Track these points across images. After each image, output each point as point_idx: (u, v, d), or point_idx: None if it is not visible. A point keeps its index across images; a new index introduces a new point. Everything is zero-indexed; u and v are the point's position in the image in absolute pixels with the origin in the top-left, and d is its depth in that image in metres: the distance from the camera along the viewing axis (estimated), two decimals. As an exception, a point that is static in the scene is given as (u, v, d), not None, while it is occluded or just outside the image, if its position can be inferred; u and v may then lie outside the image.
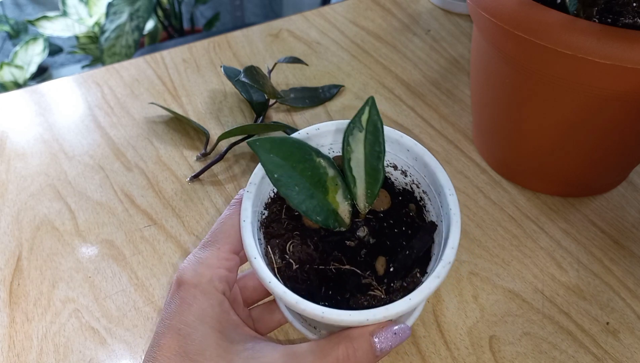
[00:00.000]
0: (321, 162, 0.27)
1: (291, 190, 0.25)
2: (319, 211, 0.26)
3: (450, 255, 0.25)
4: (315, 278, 0.27)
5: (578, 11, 0.34)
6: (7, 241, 0.40)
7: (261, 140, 0.25)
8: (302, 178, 0.26)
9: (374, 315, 0.23)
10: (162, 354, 0.26)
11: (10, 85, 1.46)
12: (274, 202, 0.29)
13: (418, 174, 0.29)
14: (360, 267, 0.27)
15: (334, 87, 0.53)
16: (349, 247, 0.28)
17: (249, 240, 0.26)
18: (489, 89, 0.41)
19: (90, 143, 0.48)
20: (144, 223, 0.41)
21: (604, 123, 0.36)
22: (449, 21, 0.63)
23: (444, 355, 0.34)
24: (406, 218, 0.29)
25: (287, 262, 0.27)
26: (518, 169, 0.44)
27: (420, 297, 0.24)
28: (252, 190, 0.27)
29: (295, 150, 0.26)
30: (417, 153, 0.28)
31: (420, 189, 0.29)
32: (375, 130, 0.26)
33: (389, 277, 0.27)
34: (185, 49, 0.58)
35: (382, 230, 0.28)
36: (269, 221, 0.29)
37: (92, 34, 1.51)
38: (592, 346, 0.35)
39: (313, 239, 0.28)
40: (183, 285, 0.27)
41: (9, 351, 0.34)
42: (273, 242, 0.28)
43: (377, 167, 0.27)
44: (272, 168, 0.25)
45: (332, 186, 0.27)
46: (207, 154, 0.46)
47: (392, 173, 0.30)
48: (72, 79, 0.55)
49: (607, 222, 0.42)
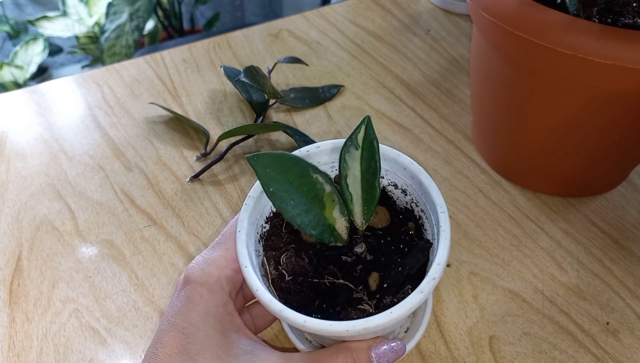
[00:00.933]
0: (318, 178, 0.27)
1: (286, 204, 0.26)
2: (314, 225, 0.27)
3: (436, 271, 0.25)
4: (308, 290, 0.27)
5: (578, 11, 0.34)
6: (7, 241, 0.40)
7: (259, 156, 0.26)
8: (299, 193, 0.26)
9: (353, 326, 0.24)
10: (164, 351, 0.26)
11: (10, 85, 1.46)
12: (276, 217, 0.30)
13: (416, 192, 0.29)
14: (354, 282, 0.28)
15: (334, 87, 0.53)
16: (345, 262, 0.28)
17: (242, 249, 0.27)
18: (489, 89, 0.41)
19: (90, 143, 0.48)
20: (144, 223, 0.41)
21: (604, 123, 0.36)
22: (449, 21, 0.63)
23: (444, 355, 0.34)
24: (405, 237, 0.29)
25: (280, 273, 0.28)
26: (518, 169, 0.44)
27: (401, 310, 0.24)
28: (250, 203, 0.28)
29: (292, 166, 0.27)
30: (412, 171, 0.29)
31: (419, 208, 0.29)
32: (371, 148, 0.27)
33: (381, 292, 0.27)
34: (185, 49, 0.58)
35: (379, 247, 0.29)
36: (269, 234, 0.30)
37: (92, 34, 1.51)
38: (592, 346, 0.35)
39: (308, 252, 0.29)
40: (190, 283, 0.28)
41: (9, 351, 0.34)
42: (269, 254, 0.29)
43: (373, 184, 0.27)
44: (268, 181, 0.26)
45: (329, 202, 0.27)
46: (207, 154, 0.46)
47: (393, 191, 0.31)
48: (72, 79, 0.55)
49: (607, 222, 0.42)
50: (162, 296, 0.37)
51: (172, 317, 0.27)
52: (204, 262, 0.28)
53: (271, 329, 0.35)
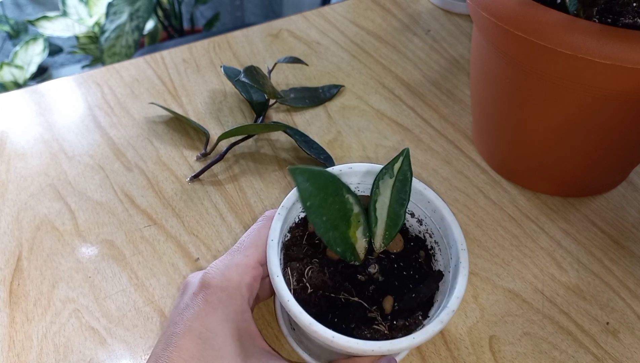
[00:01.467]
0: (349, 198, 0.28)
1: (319, 219, 0.27)
2: (339, 242, 0.28)
3: (454, 303, 0.27)
4: (325, 304, 0.28)
5: (578, 11, 0.34)
6: (7, 241, 0.40)
7: (300, 169, 0.27)
8: (331, 210, 0.27)
9: (379, 347, 0.25)
10: (179, 356, 0.25)
11: (10, 85, 1.46)
12: (297, 227, 0.31)
13: (434, 225, 0.31)
14: (368, 302, 0.29)
15: (334, 87, 0.53)
16: (359, 281, 0.30)
17: (274, 259, 0.27)
18: (489, 89, 0.41)
19: (90, 143, 0.48)
20: (144, 223, 0.41)
21: (604, 123, 0.36)
22: (449, 21, 0.63)
23: (444, 355, 0.34)
24: (415, 264, 0.31)
25: (304, 285, 0.29)
26: (518, 169, 0.44)
27: (423, 337, 0.26)
28: (283, 213, 0.29)
29: (329, 183, 0.28)
30: (436, 206, 0.30)
31: (433, 239, 0.31)
32: (405, 180, 0.29)
33: (392, 315, 0.29)
34: (185, 49, 0.58)
35: (392, 270, 0.30)
36: (290, 244, 0.31)
37: (92, 34, 1.51)
38: (592, 346, 0.35)
39: (330, 269, 0.30)
40: (209, 287, 0.27)
41: (9, 351, 0.34)
42: (293, 264, 0.30)
43: (399, 213, 0.29)
44: (306, 196, 0.27)
45: (355, 222, 0.28)
46: (207, 153, 0.46)
47: (408, 219, 0.32)
48: (72, 79, 0.55)
49: (607, 222, 0.42)
50: (162, 296, 0.37)
51: (188, 320, 0.26)
52: (224, 267, 0.28)
53: (277, 340, 0.35)
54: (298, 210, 0.31)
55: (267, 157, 0.47)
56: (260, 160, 0.46)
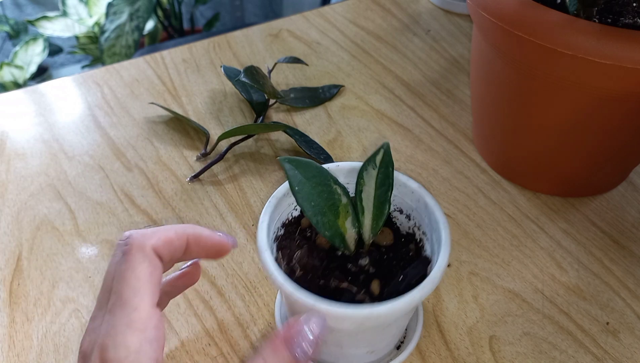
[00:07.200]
0: (337, 189, 0.30)
1: (308, 204, 0.29)
2: (328, 227, 0.29)
3: (437, 273, 0.27)
4: (314, 288, 0.29)
5: (578, 11, 0.34)
6: (7, 241, 0.40)
7: (290, 159, 0.29)
8: (319, 198, 0.29)
9: (360, 311, 0.25)
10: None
11: (10, 85, 1.46)
12: (291, 224, 0.32)
13: (419, 215, 0.32)
14: (358, 287, 0.30)
15: (334, 87, 0.53)
16: (350, 271, 0.30)
17: (263, 236, 0.29)
18: (489, 89, 0.41)
19: (90, 143, 0.48)
20: (144, 224, 0.41)
21: (604, 123, 0.36)
22: (449, 21, 0.63)
23: (444, 355, 0.34)
24: (405, 256, 0.32)
25: (292, 267, 0.30)
26: (518, 169, 0.44)
27: (404, 301, 0.26)
28: (273, 202, 0.31)
29: (317, 173, 0.29)
30: (420, 194, 0.31)
31: (421, 231, 0.32)
32: (387, 171, 0.30)
33: (381, 298, 0.29)
34: (185, 49, 0.58)
35: (382, 262, 0.31)
36: (283, 238, 0.32)
37: (92, 34, 1.51)
38: (592, 346, 0.35)
39: (320, 254, 0.31)
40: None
41: (9, 351, 0.34)
42: (284, 251, 0.31)
43: (384, 201, 0.30)
44: (295, 182, 0.29)
45: (344, 212, 0.30)
46: (207, 153, 0.46)
47: (398, 217, 0.33)
48: (72, 79, 0.55)
49: (607, 222, 0.42)
50: (162, 296, 0.37)
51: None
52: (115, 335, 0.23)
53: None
54: (289, 206, 0.32)
55: (267, 157, 0.47)
56: (260, 160, 0.46)
